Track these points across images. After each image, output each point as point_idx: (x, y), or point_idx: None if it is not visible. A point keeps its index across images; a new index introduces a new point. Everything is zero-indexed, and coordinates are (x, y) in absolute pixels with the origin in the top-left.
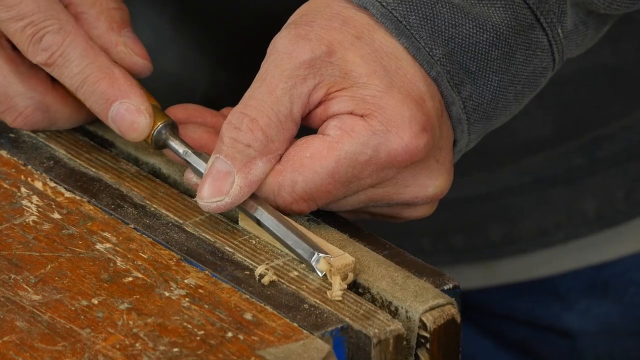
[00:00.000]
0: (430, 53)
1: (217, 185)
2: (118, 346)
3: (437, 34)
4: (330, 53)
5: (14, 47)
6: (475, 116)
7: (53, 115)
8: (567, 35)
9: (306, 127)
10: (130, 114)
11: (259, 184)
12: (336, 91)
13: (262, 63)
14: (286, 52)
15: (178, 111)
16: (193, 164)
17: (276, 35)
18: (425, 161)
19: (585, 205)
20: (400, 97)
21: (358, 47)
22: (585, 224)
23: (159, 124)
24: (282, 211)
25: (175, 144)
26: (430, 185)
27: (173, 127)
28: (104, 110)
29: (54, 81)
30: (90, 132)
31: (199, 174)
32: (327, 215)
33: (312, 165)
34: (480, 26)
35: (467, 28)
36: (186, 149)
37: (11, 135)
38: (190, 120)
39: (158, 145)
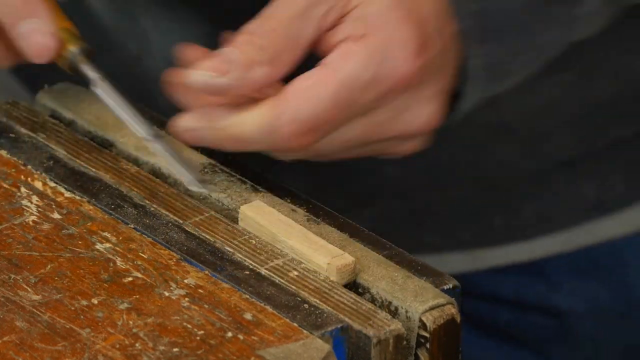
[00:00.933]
0: (466, 6)
1: (216, 64)
2: (118, 346)
3: None
4: None
5: None
6: (487, 76)
7: None
8: (589, 12)
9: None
10: (36, 33)
11: (253, 88)
12: (344, 16)
13: None
14: None
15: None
16: (102, 93)
17: None
18: (420, 86)
19: (586, 191)
20: (403, 15)
21: None
22: (585, 210)
23: (73, 48)
24: (280, 150)
25: (86, 70)
26: (423, 113)
27: (88, 53)
28: (14, 25)
29: None
30: (90, 132)
31: (110, 104)
32: (327, 216)
33: (315, 91)
34: None
35: None
36: (98, 76)
37: (11, 135)
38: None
39: (72, 69)
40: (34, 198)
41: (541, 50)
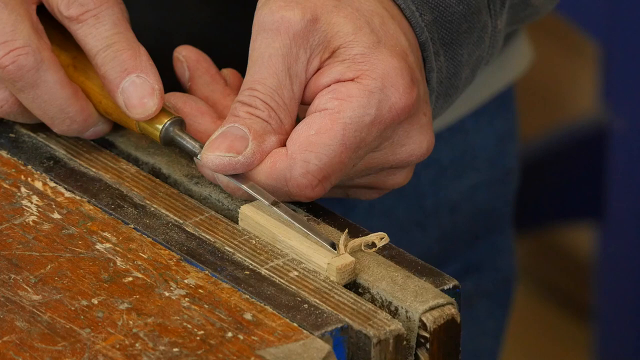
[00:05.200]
0: (422, 17)
1: (230, 143)
2: (118, 346)
3: (425, 0)
4: (315, 20)
5: None
6: (440, 90)
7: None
8: (500, 32)
9: None
10: (143, 89)
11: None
12: (327, 59)
13: (252, 40)
14: (273, 28)
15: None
16: (203, 163)
17: (259, 7)
18: (416, 115)
19: None
20: (388, 51)
21: (340, 9)
22: None
23: (167, 121)
24: (294, 199)
25: (184, 142)
26: (423, 141)
27: (181, 124)
28: (119, 78)
29: None
30: None
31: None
32: (327, 215)
33: (320, 140)
34: None
35: None
36: (197, 146)
37: (11, 135)
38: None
39: (166, 141)
40: (34, 198)
41: (477, 64)
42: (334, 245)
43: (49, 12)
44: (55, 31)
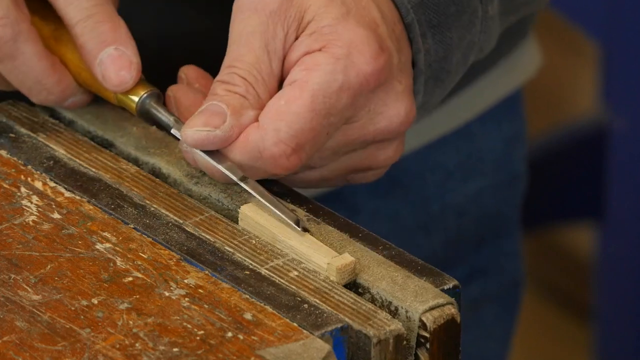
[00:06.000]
0: None
1: (208, 118)
2: (118, 346)
3: None
4: None
5: None
6: (429, 72)
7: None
8: (492, 18)
9: None
10: (121, 60)
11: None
12: (301, 33)
13: (231, 21)
14: (250, 8)
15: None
16: (178, 135)
17: None
18: (389, 83)
19: None
20: (355, 22)
21: None
22: None
23: (144, 93)
24: (273, 173)
25: (160, 114)
26: (401, 108)
27: (158, 97)
28: (97, 50)
29: None
30: (90, 132)
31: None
32: (327, 216)
33: (290, 108)
34: None
35: None
36: (171, 119)
37: (11, 135)
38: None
39: (142, 114)
40: (34, 198)
41: (469, 49)
42: (298, 222)
43: None
44: (37, 2)
